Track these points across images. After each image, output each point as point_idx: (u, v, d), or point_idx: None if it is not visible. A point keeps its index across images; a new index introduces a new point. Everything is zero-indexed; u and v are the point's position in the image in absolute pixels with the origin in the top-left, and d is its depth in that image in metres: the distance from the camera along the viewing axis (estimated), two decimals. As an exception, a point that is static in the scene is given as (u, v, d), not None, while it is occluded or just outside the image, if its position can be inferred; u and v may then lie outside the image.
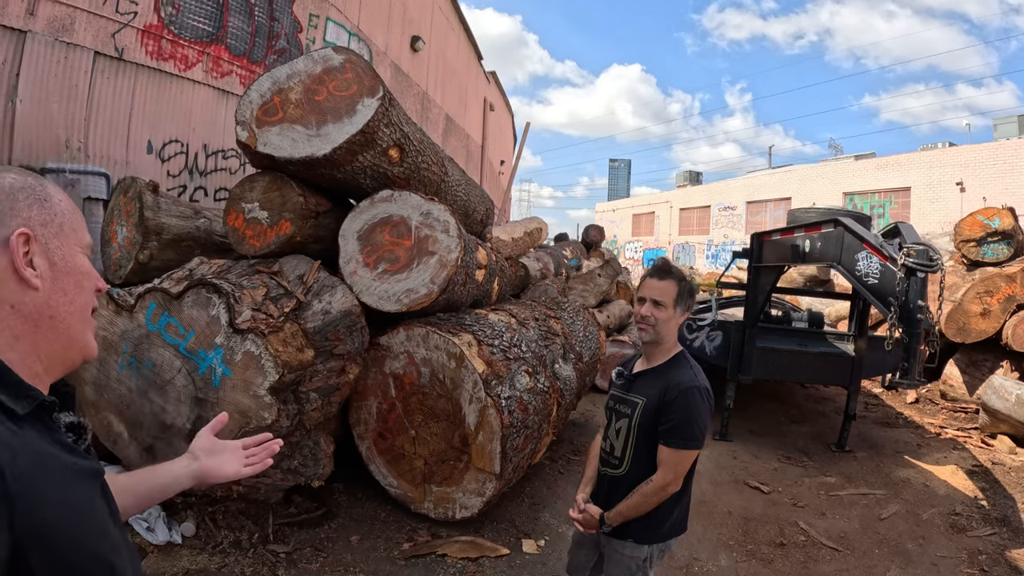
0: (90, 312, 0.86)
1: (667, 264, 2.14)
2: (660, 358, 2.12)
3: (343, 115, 3.34)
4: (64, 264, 0.81)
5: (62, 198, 0.84)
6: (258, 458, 1.31)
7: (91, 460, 0.79)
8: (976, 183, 18.69)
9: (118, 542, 0.76)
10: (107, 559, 0.71)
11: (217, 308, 2.80)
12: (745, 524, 4.07)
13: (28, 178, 0.81)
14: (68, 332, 0.81)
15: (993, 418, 5.93)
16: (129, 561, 0.77)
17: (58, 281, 0.79)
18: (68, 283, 0.81)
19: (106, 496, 0.79)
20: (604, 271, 9.42)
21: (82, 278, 0.84)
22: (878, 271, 3.78)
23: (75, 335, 0.83)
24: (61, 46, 4.76)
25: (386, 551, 3.31)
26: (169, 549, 3.07)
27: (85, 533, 0.69)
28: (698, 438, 1.98)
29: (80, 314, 0.83)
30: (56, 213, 0.81)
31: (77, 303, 0.82)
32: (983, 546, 3.88)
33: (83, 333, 0.85)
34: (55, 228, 0.80)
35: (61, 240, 0.81)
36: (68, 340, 0.82)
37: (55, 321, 0.79)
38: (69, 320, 0.81)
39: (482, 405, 3.30)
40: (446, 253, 3.42)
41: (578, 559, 2.37)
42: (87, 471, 0.75)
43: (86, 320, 0.85)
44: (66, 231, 0.82)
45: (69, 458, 0.73)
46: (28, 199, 0.79)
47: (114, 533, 0.76)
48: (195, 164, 6.21)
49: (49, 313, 0.78)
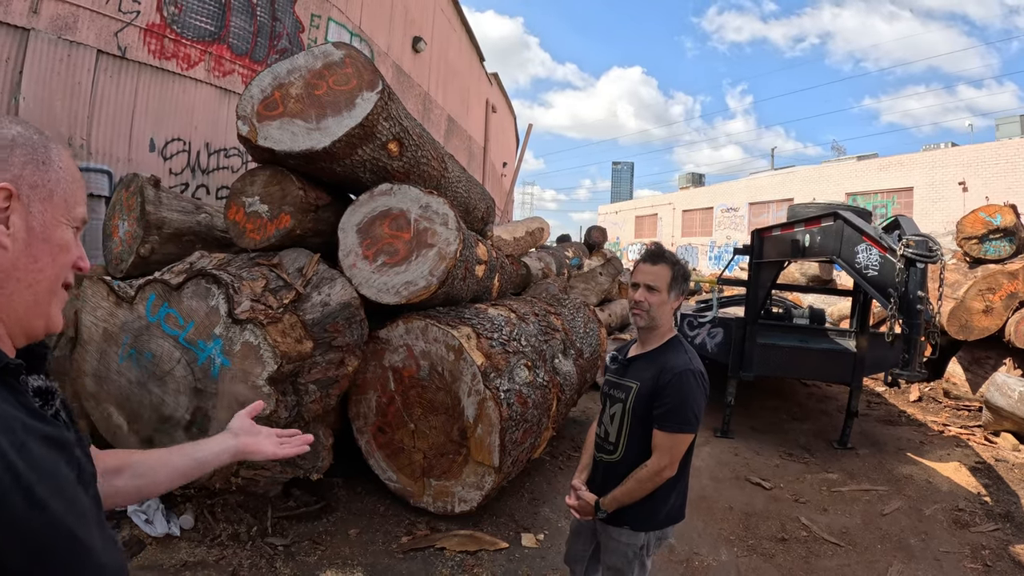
0: (60, 285, 0.84)
1: (660, 249, 2.13)
2: (654, 343, 2.11)
3: (342, 109, 3.36)
4: (42, 231, 0.79)
5: (64, 165, 0.82)
6: (293, 443, 1.35)
7: (57, 425, 0.76)
8: (979, 183, 18.65)
9: (85, 512, 0.71)
10: (68, 528, 0.67)
11: (216, 299, 2.81)
12: (746, 519, 4.06)
13: (34, 136, 0.79)
14: (32, 300, 0.79)
15: (996, 415, 5.90)
16: (100, 535, 0.73)
17: (31, 247, 0.78)
18: (41, 251, 0.79)
19: (78, 463, 0.75)
20: (605, 270, 9.42)
21: (58, 250, 0.82)
22: (877, 263, 3.77)
23: (39, 305, 0.81)
24: (64, 44, 4.79)
25: (384, 544, 3.31)
26: (167, 541, 3.08)
27: (44, 496, 0.65)
28: (692, 422, 1.97)
29: (48, 284, 0.81)
30: (51, 179, 0.80)
31: (46, 272, 0.80)
32: (986, 542, 3.86)
33: (48, 304, 0.82)
34: (44, 193, 0.79)
35: (47, 207, 0.79)
36: (32, 309, 0.80)
37: (20, 286, 0.77)
38: (35, 288, 0.79)
39: (481, 398, 3.30)
40: (445, 246, 3.42)
41: (576, 547, 2.36)
42: (51, 436, 0.72)
43: (53, 292, 0.83)
44: (56, 200, 0.80)
45: (32, 421, 0.69)
46: (25, 157, 0.77)
47: (82, 501, 0.72)
48: (197, 162, 6.24)
49: (15, 275, 0.76)
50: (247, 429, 1.29)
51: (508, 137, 25.69)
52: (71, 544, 0.67)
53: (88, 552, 0.69)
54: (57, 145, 0.82)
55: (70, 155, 0.84)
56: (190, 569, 2.89)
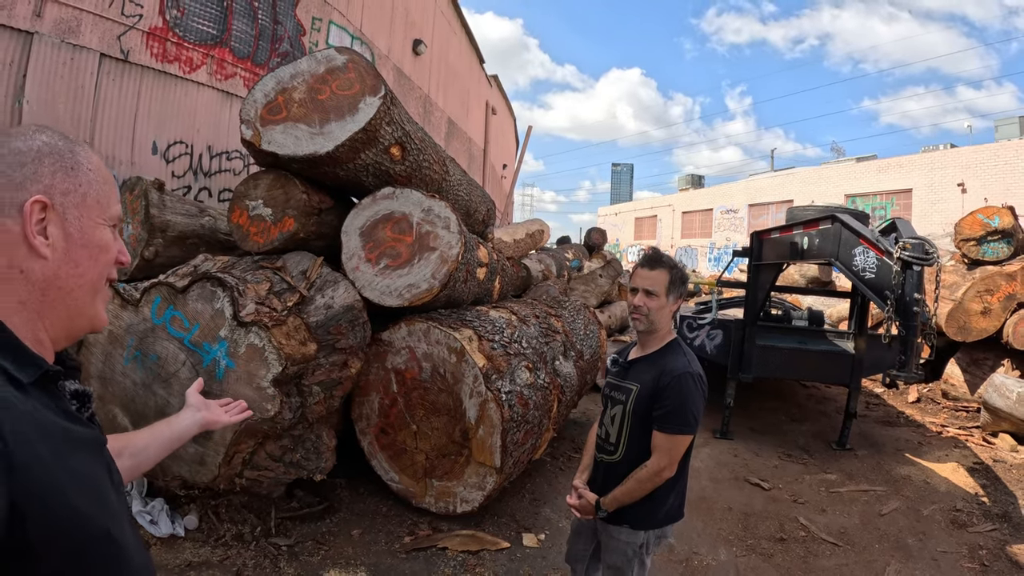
0: (103, 284, 0.86)
1: (658, 253, 2.16)
2: (654, 345, 2.15)
3: (346, 113, 3.39)
4: (80, 236, 0.80)
5: (93, 167, 0.83)
6: (235, 409, 1.54)
7: (93, 429, 0.79)
8: (977, 184, 18.68)
9: (118, 512, 0.75)
10: (104, 527, 0.70)
11: (221, 301, 2.85)
12: (745, 520, 4.09)
13: (59, 142, 0.81)
14: (75, 303, 0.81)
15: (994, 416, 5.93)
16: (131, 534, 0.76)
17: (71, 252, 0.79)
18: (81, 256, 0.80)
19: (108, 465, 0.78)
20: (605, 272, 9.46)
21: (98, 252, 0.83)
22: (875, 265, 3.80)
23: (82, 307, 0.83)
24: (67, 48, 4.82)
25: (387, 544, 3.34)
26: (172, 542, 3.11)
27: (83, 500, 0.68)
28: (691, 423, 2.01)
29: (90, 287, 0.83)
30: (81, 183, 0.80)
31: (88, 276, 0.82)
32: (984, 541, 3.89)
33: (91, 305, 0.84)
34: (77, 198, 0.80)
35: (82, 211, 0.80)
36: (75, 311, 0.82)
37: (62, 292, 0.79)
38: (77, 292, 0.81)
39: (482, 399, 3.33)
40: (447, 249, 3.46)
41: (576, 547, 2.40)
42: (88, 439, 0.75)
43: (96, 292, 0.85)
44: (89, 202, 0.81)
45: (71, 426, 0.72)
46: (53, 165, 0.78)
47: (114, 502, 0.75)
48: (199, 165, 6.27)
49: (57, 284, 0.78)
50: (203, 403, 1.46)
51: (508, 139, 25.73)
52: (108, 545, 0.70)
53: (123, 551, 0.72)
54: (83, 147, 0.84)
55: (97, 156, 0.86)
56: (194, 569, 2.92)
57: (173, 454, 2.99)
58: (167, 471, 3.03)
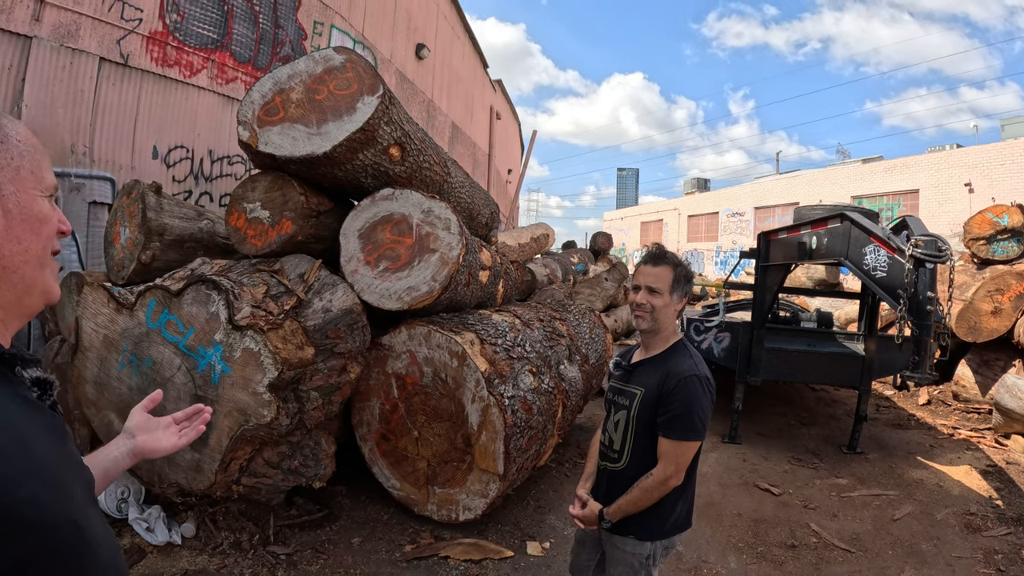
0: (49, 255, 0.83)
1: (662, 250, 2.08)
2: (658, 347, 2.06)
3: (343, 113, 3.34)
4: (19, 211, 0.77)
5: (22, 137, 0.80)
6: (191, 429, 1.32)
7: (54, 416, 0.77)
8: (985, 183, 18.51)
9: (83, 503, 0.72)
10: (71, 517, 0.67)
11: (216, 305, 2.79)
12: (755, 526, 4.00)
13: None
14: (23, 280, 0.78)
15: (1007, 417, 5.82)
16: (100, 526, 0.73)
17: (11, 229, 0.76)
18: (23, 230, 0.77)
19: (71, 455, 0.76)
20: (611, 276, 9.39)
21: (39, 224, 0.79)
22: (886, 264, 3.71)
23: (30, 282, 0.80)
24: (67, 52, 4.80)
25: (388, 553, 3.27)
26: (169, 550, 3.05)
27: (44, 490, 0.65)
28: (699, 428, 1.91)
29: (36, 261, 0.80)
30: (13, 156, 0.77)
31: (32, 251, 0.79)
32: (999, 546, 3.79)
33: (40, 279, 0.81)
34: (10, 172, 0.76)
35: (17, 185, 0.77)
36: (24, 288, 0.79)
37: (8, 271, 0.76)
38: (23, 269, 0.78)
39: (485, 404, 3.26)
40: (447, 251, 3.39)
41: (581, 558, 2.32)
42: (48, 426, 0.73)
43: (43, 265, 0.82)
44: (23, 175, 0.78)
45: (30, 412, 0.70)
46: None
47: (79, 493, 0.72)
48: (200, 170, 6.24)
49: (2, 263, 0.75)
50: (143, 426, 1.25)
51: (512, 144, 25.70)
52: (73, 536, 0.68)
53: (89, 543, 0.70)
54: (10, 119, 0.80)
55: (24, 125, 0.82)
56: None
57: (170, 460, 2.95)
58: (163, 478, 2.98)
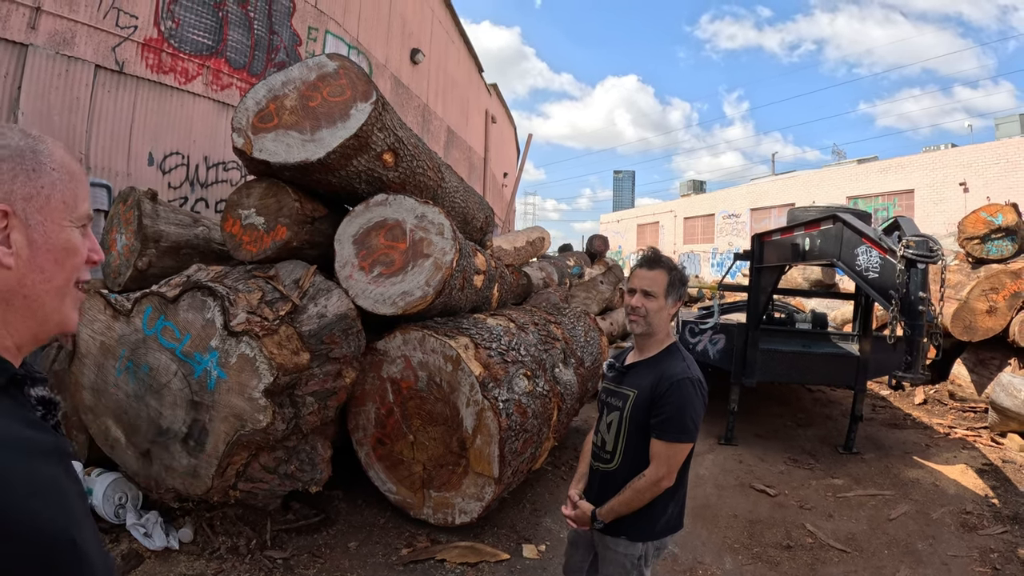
0: (71, 286, 0.82)
1: (657, 254, 2.10)
2: (652, 349, 2.08)
3: (337, 120, 3.36)
4: (44, 241, 0.76)
5: (57, 166, 0.79)
6: None
7: (57, 437, 0.76)
8: (980, 183, 18.58)
9: (82, 520, 0.72)
10: (70, 535, 0.67)
11: (212, 311, 2.81)
12: (751, 527, 4.01)
13: (20, 142, 0.77)
14: (42, 309, 0.78)
15: (1002, 416, 5.84)
16: (95, 543, 0.73)
17: (35, 259, 0.75)
18: (46, 260, 0.77)
19: (72, 474, 0.75)
20: (606, 278, 9.41)
21: (64, 256, 0.79)
22: (878, 264, 3.74)
23: (49, 312, 0.79)
24: (62, 59, 4.82)
25: (384, 557, 3.28)
26: (166, 555, 3.06)
27: (46, 508, 0.66)
28: (691, 430, 1.93)
29: (56, 292, 0.79)
30: (44, 185, 0.76)
31: (54, 281, 0.78)
32: (995, 544, 3.81)
33: (59, 310, 0.81)
34: (40, 202, 0.76)
35: (45, 215, 0.76)
36: (42, 316, 0.78)
37: (28, 300, 0.76)
38: (43, 298, 0.77)
39: (479, 408, 3.28)
40: (441, 255, 3.41)
41: (574, 559, 2.33)
42: (51, 448, 0.72)
43: (64, 296, 0.81)
44: (53, 204, 0.77)
45: (34, 434, 0.70)
46: (13, 170, 0.74)
47: (78, 510, 0.72)
48: (196, 176, 6.26)
49: (23, 292, 0.75)
50: None
51: (508, 147, 25.75)
52: (72, 554, 0.68)
53: (87, 560, 0.70)
54: (47, 145, 0.79)
55: (64, 150, 0.81)
56: (188, 584, 2.87)
57: (167, 466, 2.96)
58: (161, 483, 2.99)
